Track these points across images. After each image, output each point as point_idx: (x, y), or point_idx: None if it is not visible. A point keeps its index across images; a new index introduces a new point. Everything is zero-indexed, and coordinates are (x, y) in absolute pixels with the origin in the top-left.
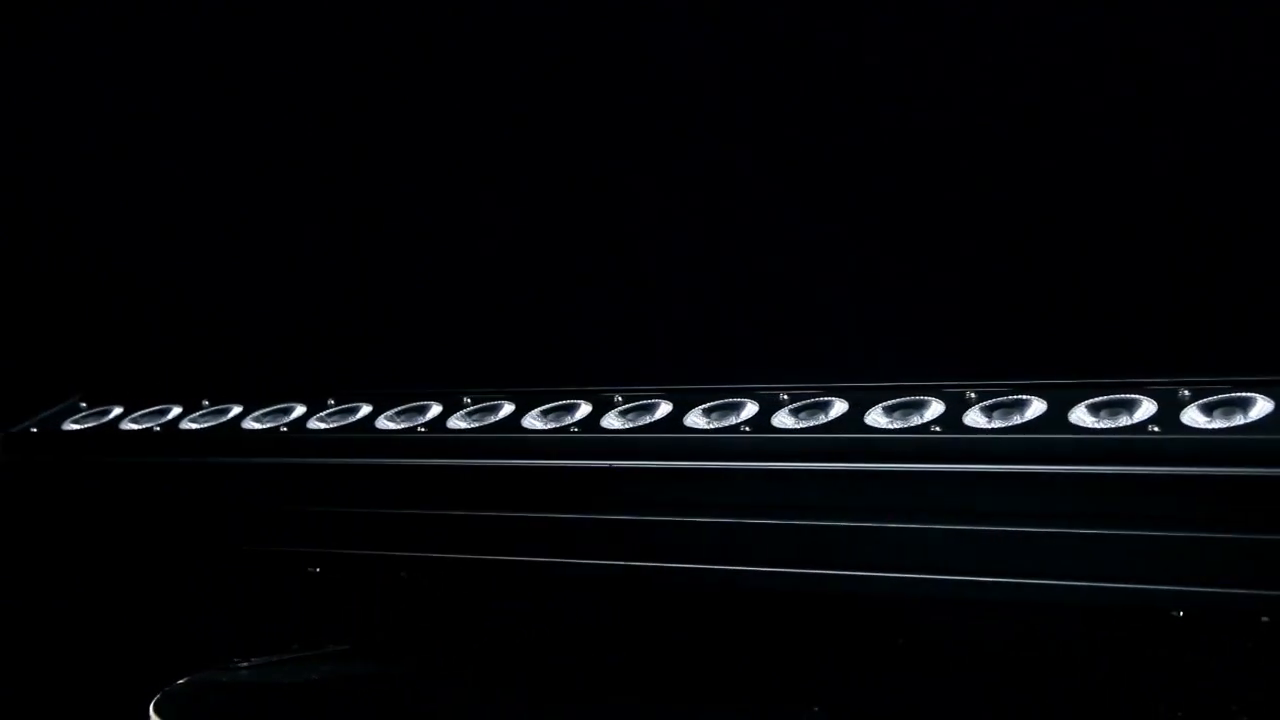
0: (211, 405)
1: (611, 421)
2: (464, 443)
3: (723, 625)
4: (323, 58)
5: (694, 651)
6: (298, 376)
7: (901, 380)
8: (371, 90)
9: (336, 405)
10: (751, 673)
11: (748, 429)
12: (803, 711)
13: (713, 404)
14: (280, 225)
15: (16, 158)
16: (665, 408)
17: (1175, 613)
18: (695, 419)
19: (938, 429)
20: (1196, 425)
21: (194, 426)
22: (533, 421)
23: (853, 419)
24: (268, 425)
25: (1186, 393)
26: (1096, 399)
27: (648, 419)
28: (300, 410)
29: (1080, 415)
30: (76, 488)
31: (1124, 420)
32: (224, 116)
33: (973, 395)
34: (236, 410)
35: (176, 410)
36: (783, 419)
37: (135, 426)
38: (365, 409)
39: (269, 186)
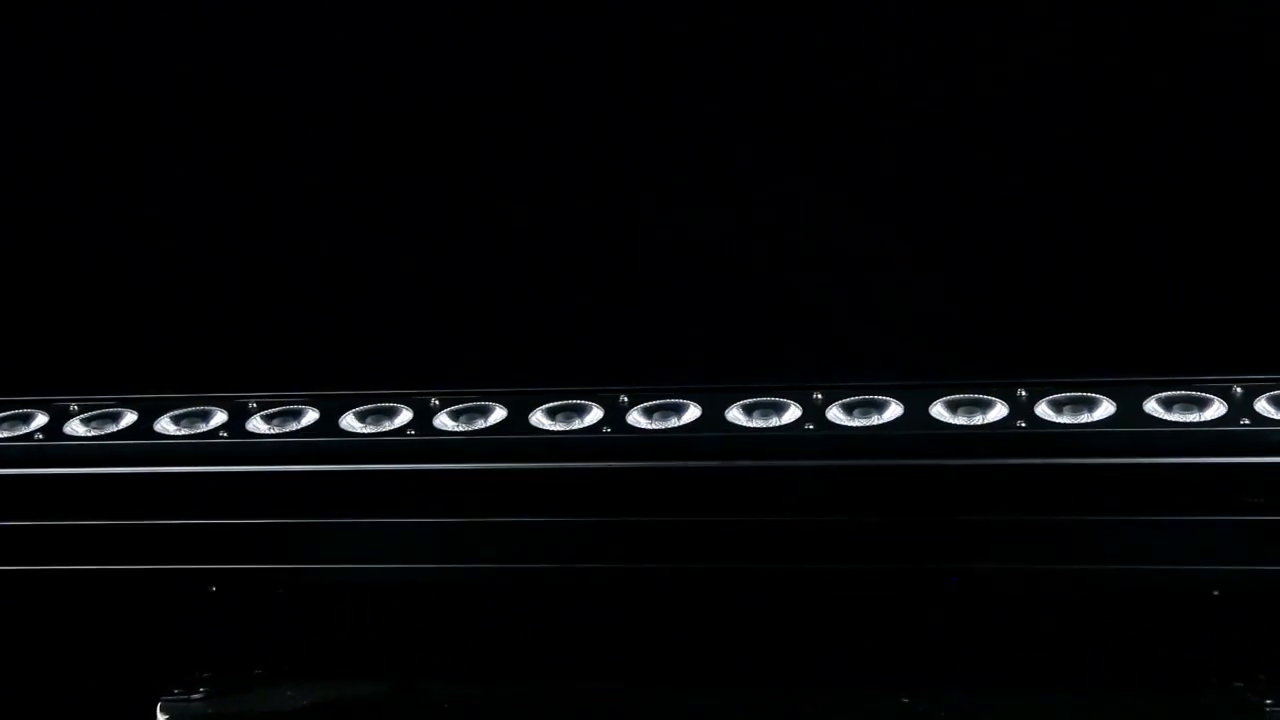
0: (82, 411)
1: (637, 420)
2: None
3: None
4: (320, 53)
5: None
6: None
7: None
8: (371, 88)
9: (260, 408)
10: (842, 663)
11: (811, 427)
12: (893, 700)
13: (753, 401)
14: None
15: None
16: (695, 408)
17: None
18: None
19: (1022, 424)
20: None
21: (88, 432)
22: (543, 423)
23: (916, 416)
24: (186, 431)
25: (1239, 390)
26: (1165, 394)
27: (676, 420)
28: (221, 416)
29: (1154, 409)
30: None
31: (1197, 415)
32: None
33: (1023, 394)
34: (131, 415)
35: (41, 417)
36: (837, 416)
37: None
38: (312, 413)
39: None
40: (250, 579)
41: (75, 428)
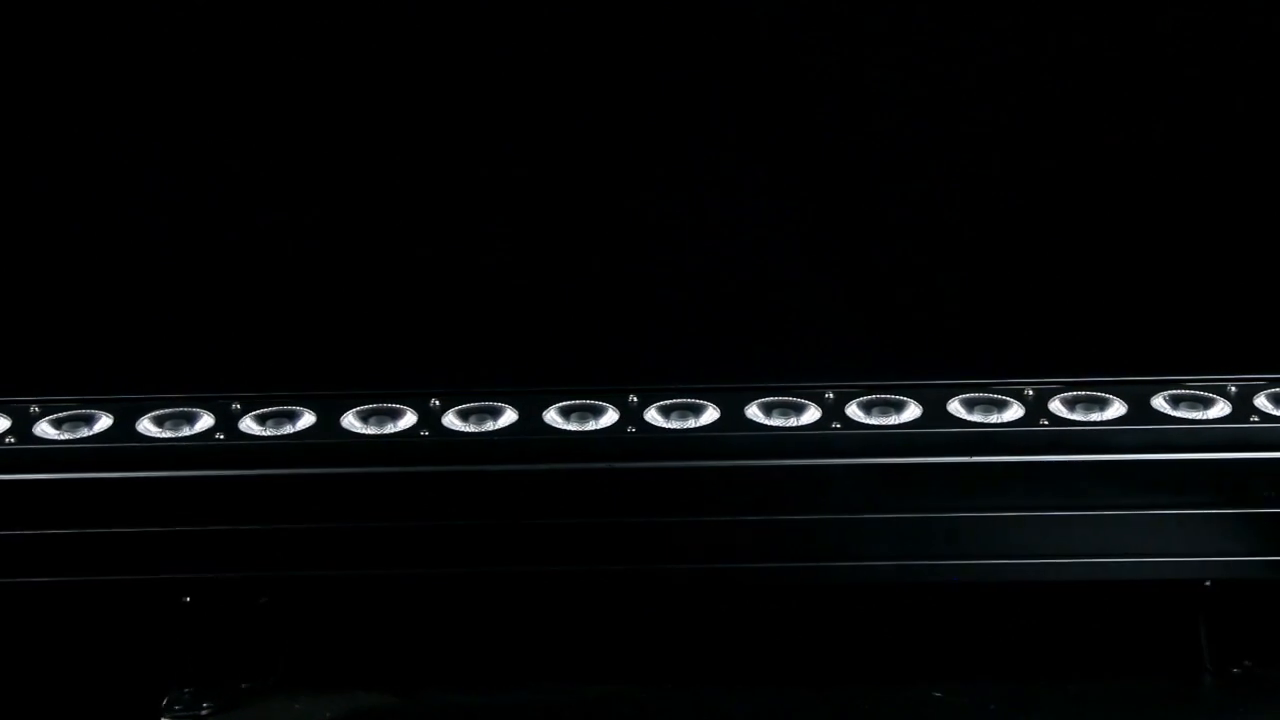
0: (46, 413)
1: (657, 420)
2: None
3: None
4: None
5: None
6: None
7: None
8: (365, 80)
9: (244, 409)
10: (876, 659)
11: (838, 425)
12: (925, 695)
13: (771, 401)
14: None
15: None
16: (712, 409)
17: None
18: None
19: (1045, 422)
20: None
21: (64, 436)
22: (558, 422)
23: (939, 415)
24: (172, 434)
25: (1233, 389)
26: (1170, 392)
27: (695, 420)
28: (208, 418)
29: (1162, 405)
30: None
31: (1203, 413)
32: None
33: (1030, 393)
34: (106, 418)
35: (3, 420)
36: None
37: None
38: (309, 415)
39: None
40: (231, 587)
41: (46, 430)
